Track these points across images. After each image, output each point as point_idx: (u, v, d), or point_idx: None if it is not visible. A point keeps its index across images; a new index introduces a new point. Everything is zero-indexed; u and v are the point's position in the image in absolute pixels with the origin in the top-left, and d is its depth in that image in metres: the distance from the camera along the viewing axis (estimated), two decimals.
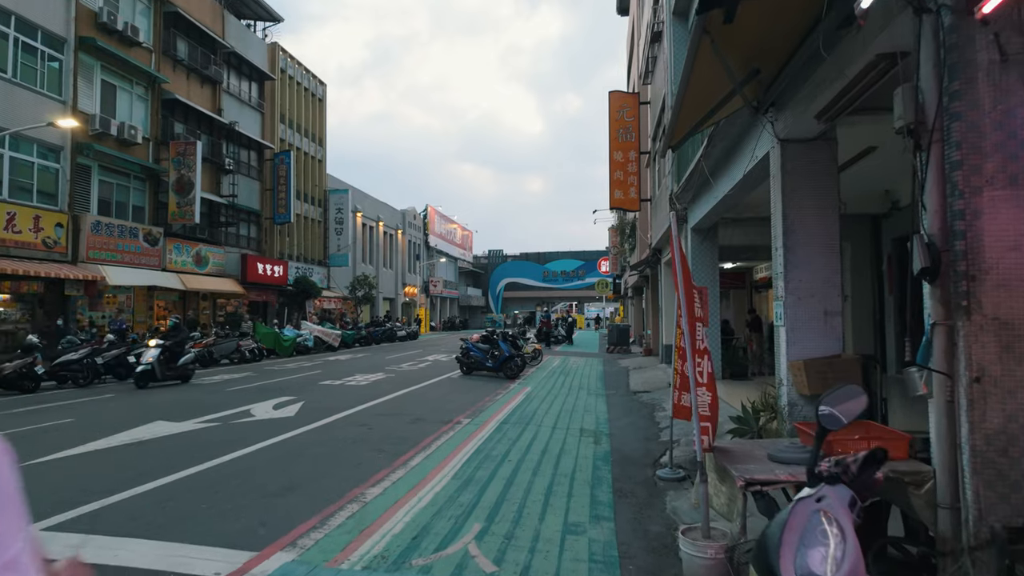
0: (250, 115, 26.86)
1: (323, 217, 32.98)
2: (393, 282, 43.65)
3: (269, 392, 10.79)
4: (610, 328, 26.60)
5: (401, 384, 12.28)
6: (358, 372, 14.62)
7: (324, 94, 33.79)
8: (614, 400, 10.58)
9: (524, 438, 7.13)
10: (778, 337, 5.92)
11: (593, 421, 8.40)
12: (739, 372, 11.27)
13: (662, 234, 13.97)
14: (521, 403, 9.98)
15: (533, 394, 11.18)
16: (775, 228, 5.96)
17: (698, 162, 8.47)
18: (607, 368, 17.17)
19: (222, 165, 24.36)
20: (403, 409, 9.10)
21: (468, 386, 12.31)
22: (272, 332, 20.16)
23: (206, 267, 23.09)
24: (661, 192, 14.08)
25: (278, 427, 7.55)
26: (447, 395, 10.87)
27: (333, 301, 32.80)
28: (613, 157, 16.94)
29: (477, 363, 14.18)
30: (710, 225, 11.11)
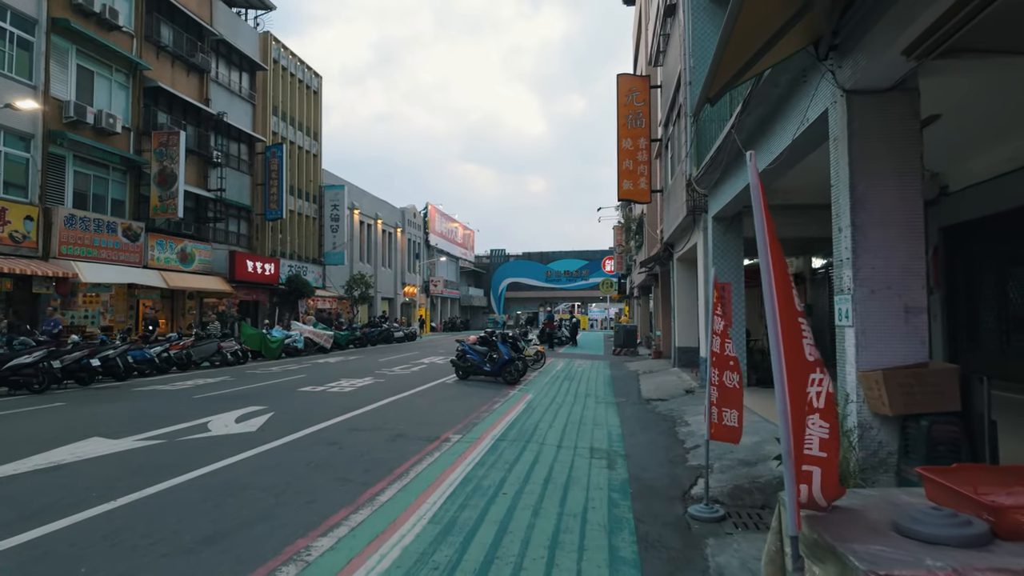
0: (240, 106, 25.74)
1: (318, 214, 31.85)
2: (392, 282, 42.51)
3: (238, 401, 9.62)
4: (616, 329, 25.38)
5: (389, 391, 11.10)
6: (345, 377, 13.45)
7: (319, 87, 32.68)
8: (626, 410, 9.37)
9: (523, 461, 5.93)
10: (841, 340, 4.71)
11: (604, 437, 7.19)
12: (767, 378, 10.05)
13: (676, 226, 12.78)
14: (521, 414, 8.79)
15: (535, 403, 9.99)
16: (838, 204, 4.76)
17: (728, 135, 7.26)
18: (615, 372, 15.97)
19: (210, 158, 23.24)
20: (385, 422, 7.91)
21: (463, 393, 11.13)
22: (258, 333, 19.01)
23: (192, 264, 21.97)
24: (675, 180, 12.88)
25: (232, 446, 6.37)
26: (438, 404, 9.68)
27: (328, 301, 31.66)
28: (621, 145, 15.74)
29: (474, 367, 12.99)
30: (734, 213, 9.90)
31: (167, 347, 14.68)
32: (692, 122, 10.37)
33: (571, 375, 14.89)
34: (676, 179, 12.65)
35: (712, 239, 10.18)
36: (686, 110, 11.07)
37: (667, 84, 14.80)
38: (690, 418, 7.85)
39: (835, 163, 4.78)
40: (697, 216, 11.18)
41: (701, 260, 11.09)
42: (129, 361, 13.11)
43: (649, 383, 13.01)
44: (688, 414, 8.19)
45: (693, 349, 14.98)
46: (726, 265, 10.12)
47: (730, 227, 10.12)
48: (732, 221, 10.10)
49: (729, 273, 10.10)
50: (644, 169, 15.58)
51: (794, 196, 9.82)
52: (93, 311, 19.00)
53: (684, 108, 11.41)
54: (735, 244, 10.14)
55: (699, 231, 11.22)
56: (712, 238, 10.18)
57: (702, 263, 11.07)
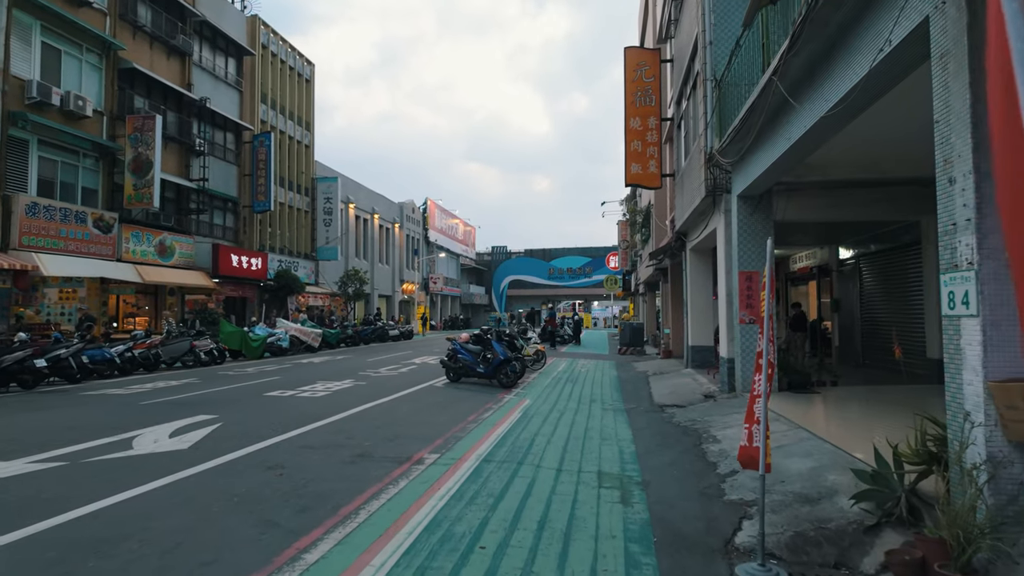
0: (226, 93, 24.46)
1: (311, 207, 30.56)
2: (390, 279, 41.22)
3: (187, 408, 8.32)
4: (622, 327, 24.03)
5: (367, 396, 9.79)
6: (323, 379, 12.14)
7: (312, 75, 31.38)
8: (638, 420, 8.04)
9: (513, 493, 4.61)
10: (954, 336, 3.36)
11: (615, 457, 5.86)
12: (799, 382, 8.70)
13: (691, 211, 11.43)
14: (515, 424, 7.47)
15: (532, 410, 8.66)
16: (949, 147, 3.39)
17: (766, 87, 5.90)
18: (622, 373, 14.63)
19: (192, 146, 21.96)
20: (350, 436, 6.60)
21: (451, 398, 9.81)
22: (238, 331, 17.71)
23: (171, 258, 20.69)
24: (690, 159, 11.53)
25: (148, 470, 5.07)
26: (420, 412, 8.36)
27: (321, 298, 30.38)
28: (629, 125, 14.39)
29: (466, 368, 11.67)
30: (763, 190, 8.55)
31: (131, 346, 13.38)
32: (714, 87, 9.02)
33: (574, 377, 13.56)
34: (692, 158, 11.30)
35: (737, 221, 8.82)
36: (705, 76, 9.71)
37: (679, 56, 13.44)
38: (718, 432, 6.51)
39: (942, 90, 3.43)
40: (717, 197, 9.83)
41: (722, 247, 9.75)
42: (84, 362, 11.83)
43: (661, 386, 11.67)
44: (715, 426, 6.84)
45: (708, 348, 13.64)
46: (753, 250, 8.76)
47: (758, 207, 8.76)
48: (760, 201, 8.74)
49: (757, 259, 8.75)
50: (654, 151, 14.23)
51: (832, 171, 8.48)
52: (70, 307, 17.84)
53: (702, 75, 10.06)
54: (763, 226, 8.78)
55: (719, 214, 9.87)
56: (737, 220, 8.82)
57: (723, 251, 9.73)
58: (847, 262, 13.36)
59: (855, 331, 12.86)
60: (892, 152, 8.04)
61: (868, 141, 7.29)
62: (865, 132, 6.66)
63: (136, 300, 21.08)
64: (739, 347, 8.71)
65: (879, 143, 7.57)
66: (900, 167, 8.33)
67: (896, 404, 7.93)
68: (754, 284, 8.68)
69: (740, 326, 8.69)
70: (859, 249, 12.60)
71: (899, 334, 10.95)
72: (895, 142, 7.55)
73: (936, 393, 8.83)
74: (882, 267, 11.71)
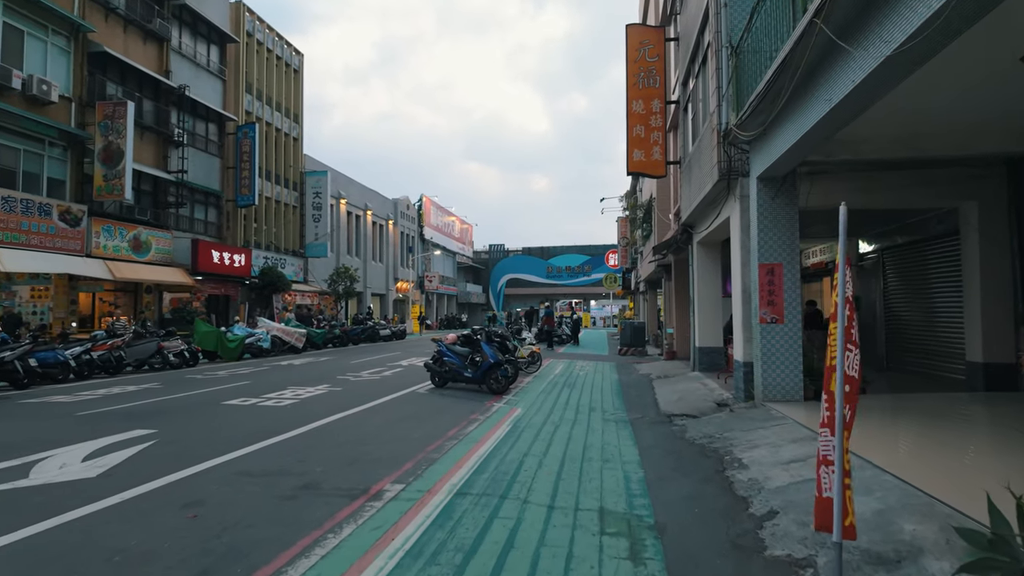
0: (208, 81, 23.35)
1: (299, 202, 29.45)
2: (383, 277, 40.14)
3: (125, 421, 7.24)
4: (622, 326, 22.97)
5: (339, 404, 8.71)
6: (296, 384, 11.06)
7: (300, 65, 30.25)
8: (645, 434, 6.97)
9: (489, 546, 3.54)
10: None
11: (620, 487, 4.79)
12: None
13: (701, 199, 10.36)
14: (503, 441, 6.40)
15: (524, 422, 7.59)
16: None
17: (806, 32, 4.83)
18: (623, 376, 13.57)
19: (170, 136, 20.87)
20: (303, 458, 5.52)
21: (433, 408, 8.74)
22: (214, 331, 16.61)
23: (147, 254, 19.59)
24: (700, 141, 10.46)
25: (30, 509, 4.01)
26: (393, 426, 7.28)
27: (309, 296, 29.28)
28: (631, 108, 13.31)
29: (452, 372, 10.60)
30: (788, 171, 7.49)
31: (88, 348, 12.28)
32: (730, 55, 7.95)
33: (572, 380, 12.49)
34: (702, 140, 10.23)
35: (757, 207, 7.74)
36: (719, 45, 8.64)
37: (686, 33, 12.38)
38: (744, 453, 5.44)
39: None
40: (732, 181, 8.76)
41: (737, 238, 8.68)
42: (32, 365, 10.75)
43: (668, 392, 10.60)
44: (738, 446, 5.77)
45: (717, 350, 12.59)
46: (775, 240, 7.69)
47: (781, 190, 7.69)
48: (784, 183, 7.67)
49: (779, 250, 7.68)
50: (658, 136, 13.15)
51: (864, 148, 7.42)
52: (42, 306, 16.77)
53: (715, 45, 8.99)
54: (787, 213, 7.71)
55: (734, 200, 8.80)
56: (757, 205, 7.74)
57: (737, 241, 8.66)
58: (868, 256, 12.30)
59: (878, 332, 11.80)
60: (935, 126, 6.99)
61: (910, 110, 6.24)
62: (908, 99, 5.62)
63: (115, 299, 20.03)
64: (759, 349, 7.64)
65: (922, 113, 6.52)
66: (942, 144, 7.27)
67: (954, 418, 6.88)
68: (777, 278, 7.61)
69: (760, 326, 7.62)
70: (883, 242, 11.54)
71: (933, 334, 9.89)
72: (940, 112, 6.50)
73: (990, 402, 7.84)
74: (911, 261, 10.66)
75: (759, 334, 7.65)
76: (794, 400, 7.48)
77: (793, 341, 7.56)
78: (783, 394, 7.52)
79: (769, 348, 7.57)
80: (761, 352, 7.60)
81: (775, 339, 7.57)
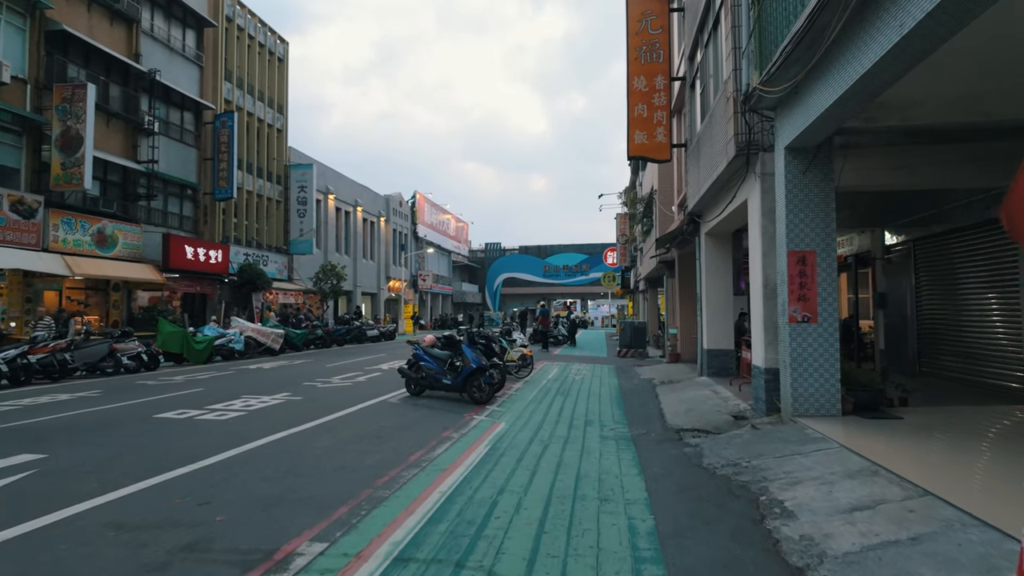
0: (183, 67, 22.03)
1: (283, 196, 28.14)
2: (375, 275, 38.83)
3: (18, 442, 5.97)
4: (621, 327, 21.70)
5: (291, 419, 7.43)
6: (252, 392, 9.78)
7: (286, 54, 28.94)
8: (652, 459, 5.70)
9: None
10: None
11: (624, 545, 3.52)
12: (868, 401, 6.38)
13: (713, 181, 9.11)
14: (475, 470, 5.13)
15: (505, 441, 6.32)
16: None
17: None
18: (623, 382, 12.31)
19: (140, 124, 19.56)
20: (207, 499, 4.24)
21: (400, 422, 7.46)
22: (179, 332, 15.31)
23: (113, 249, 18.27)
24: (712, 116, 9.19)
25: None
26: (344, 448, 6.00)
27: (294, 295, 27.96)
28: (632, 85, 12.05)
29: (430, 379, 9.32)
30: (822, 139, 6.23)
31: (25, 351, 10.98)
32: (751, 4, 6.68)
33: (566, 387, 11.22)
34: (714, 114, 8.96)
35: (785, 183, 6.47)
36: None
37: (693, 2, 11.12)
38: (784, 492, 4.15)
39: None
40: (752, 157, 7.49)
41: (757, 223, 7.42)
42: None
43: (674, 400, 9.34)
44: (774, 479, 4.48)
45: (727, 353, 11.34)
46: (807, 222, 6.43)
47: (814, 163, 6.42)
48: (817, 154, 6.41)
49: (812, 235, 6.42)
50: (662, 116, 11.89)
51: (914, 112, 6.18)
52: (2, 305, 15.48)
53: (728, 2, 7.74)
54: (821, 190, 6.44)
55: (754, 179, 7.54)
56: (785, 182, 6.47)
57: (757, 228, 7.40)
58: (896, 248, 11.04)
59: (908, 333, 10.55)
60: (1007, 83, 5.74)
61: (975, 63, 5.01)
62: (976, 45, 4.39)
63: (85, 297, 18.74)
64: (787, 354, 6.38)
65: (991, 67, 5.28)
66: (1011, 108, 6.03)
67: None
68: (809, 268, 6.35)
69: (789, 326, 6.36)
70: (914, 232, 10.29)
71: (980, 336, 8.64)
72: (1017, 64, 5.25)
73: None
74: (951, 252, 9.40)
75: (788, 336, 6.38)
76: (830, 415, 6.22)
77: (829, 344, 6.29)
78: (817, 408, 6.26)
79: (800, 353, 6.30)
80: (790, 357, 6.34)
81: (808, 342, 6.31)
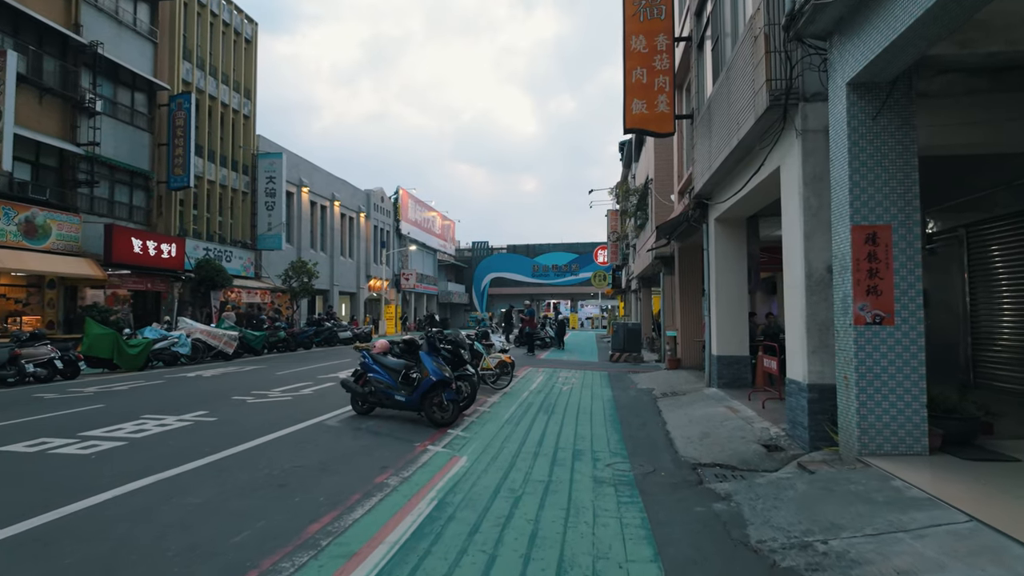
0: (134, 43, 20.00)
1: (251, 188, 26.14)
2: (354, 273, 36.84)
3: None
4: (614, 328, 19.95)
5: (183, 451, 5.58)
6: (159, 411, 7.89)
7: (254, 35, 26.93)
8: (669, 524, 3.92)
9: None
10: None
11: None
12: (962, 433, 4.64)
13: (728, 154, 7.36)
14: (399, 554, 3.31)
15: (460, 491, 4.52)
16: None
17: None
18: (618, 393, 10.55)
19: (80, 102, 17.51)
20: None
21: (325, 457, 5.62)
22: (109, 334, 13.31)
23: (45, 240, 16.24)
24: (730, 69, 7.43)
25: None
26: (223, 506, 4.16)
27: (260, 293, 25.94)
28: (629, 46, 10.31)
29: (379, 395, 7.47)
30: (906, 65, 4.48)
31: None
32: None
33: (551, 400, 9.44)
34: (736, 62, 7.19)
35: (848, 133, 4.71)
36: None
37: None
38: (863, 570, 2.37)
39: None
40: (790, 109, 5.74)
41: (796, 194, 5.67)
42: None
43: (682, 420, 7.57)
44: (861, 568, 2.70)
45: (741, 360, 9.61)
46: (879, 186, 4.67)
47: (889, 104, 4.66)
48: (895, 90, 4.65)
49: (886, 203, 4.67)
50: (664, 82, 10.14)
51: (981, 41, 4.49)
52: None
53: None
54: (899, 140, 4.69)
55: (793, 138, 5.79)
56: (848, 131, 4.71)
57: (797, 201, 5.65)
58: (941, 236, 9.36)
59: (958, 338, 8.87)
60: None
61: None
62: None
63: (26, 295, 16.71)
64: (852, 368, 4.62)
65: None
66: None
67: None
68: (883, 250, 4.60)
69: (856, 329, 4.60)
70: (970, 215, 8.60)
71: None
72: None
73: None
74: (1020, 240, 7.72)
75: (852, 343, 4.63)
76: (913, 453, 4.47)
77: (911, 355, 4.54)
78: (895, 443, 4.51)
79: (871, 366, 4.55)
80: (856, 372, 4.58)
81: (881, 351, 4.56)
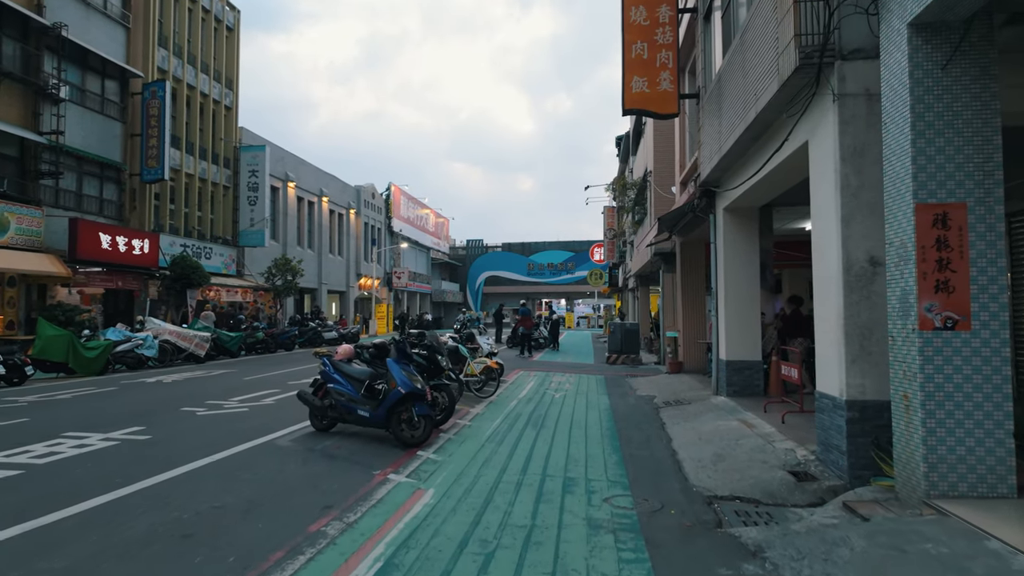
0: (104, 27, 18.90)
1: (232, 182, 25.06)
2: (343, 272, 35.78)
3: None
4: (611, 328, 18.95)
5: (84, 484, 4.59)
6: (83, 428, 6.86)
7: (236, 22, 25.84)
8: None
9: None
10: None
11: None
12: None
13: (739, 135, 6.37)
14: None
15: (415, 546, 3.53)
16: None
17: None
18: (616, 401, 9.56)
19: (44, 88, 16.42)
20: None
21: (259, 493, 4.61)
22: (64, 336, 12.24)
23: (3, 235, 15.15)
24: (742, 39, 6.43)
25: None
26: (96, 570, 3.14)
27: (242, 292, 24.86)
28: (629, 19, 9.31)
29: (342, 408, 6.45)
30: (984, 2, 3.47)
31: None
32: None
33: (541, 411, 8.44)
34: (753, 21, 6.18)
35: (911, 86, 3.72)
36: None
37: None
38: None
39: None
40: (825, 69, 4.74)
41: (832, 171, 4.69)
42: None
43: (691, 437, 6.58)
44: None
45: (753, 365, 8.63)
46: (950, 155, 3.69)
47: (962, 50, 3.67)
48: (970, 31, 3.66)
49: (960, 176, 3.68)
50: (667, 57, 9.15)
51: None
52: None
53: None
54: (976, 96, 3.69)
55: (828, 104, 4.80)
56: (911, 83, 3.72)
57: (833, 179, 4.67)
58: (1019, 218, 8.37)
59: None
60: None
61: None
62: None
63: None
64: (916, 384, 3.64)
65: None
66: None
67: None
68: (956, 235, 3.63)
69: (921, 335, 3.61)
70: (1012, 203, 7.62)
71: None
72: None
73: None
74: None
75: (914, 352, 3.64)
76: (997, 495, 3.49)
77: (994, 369, 3.55)
78: (971, 481, 3.52)
79: (942, 382, 3.56)
80: (922, 391, 3.59)
81: (955, 363, 3.57)
